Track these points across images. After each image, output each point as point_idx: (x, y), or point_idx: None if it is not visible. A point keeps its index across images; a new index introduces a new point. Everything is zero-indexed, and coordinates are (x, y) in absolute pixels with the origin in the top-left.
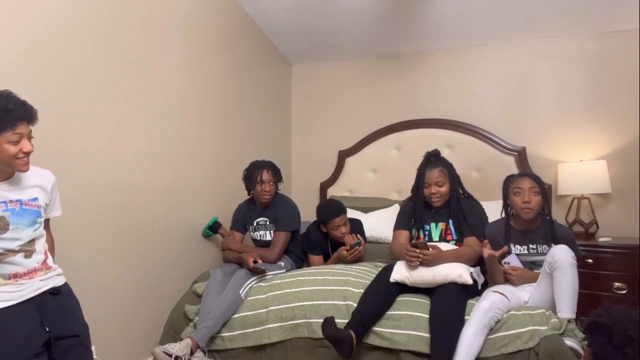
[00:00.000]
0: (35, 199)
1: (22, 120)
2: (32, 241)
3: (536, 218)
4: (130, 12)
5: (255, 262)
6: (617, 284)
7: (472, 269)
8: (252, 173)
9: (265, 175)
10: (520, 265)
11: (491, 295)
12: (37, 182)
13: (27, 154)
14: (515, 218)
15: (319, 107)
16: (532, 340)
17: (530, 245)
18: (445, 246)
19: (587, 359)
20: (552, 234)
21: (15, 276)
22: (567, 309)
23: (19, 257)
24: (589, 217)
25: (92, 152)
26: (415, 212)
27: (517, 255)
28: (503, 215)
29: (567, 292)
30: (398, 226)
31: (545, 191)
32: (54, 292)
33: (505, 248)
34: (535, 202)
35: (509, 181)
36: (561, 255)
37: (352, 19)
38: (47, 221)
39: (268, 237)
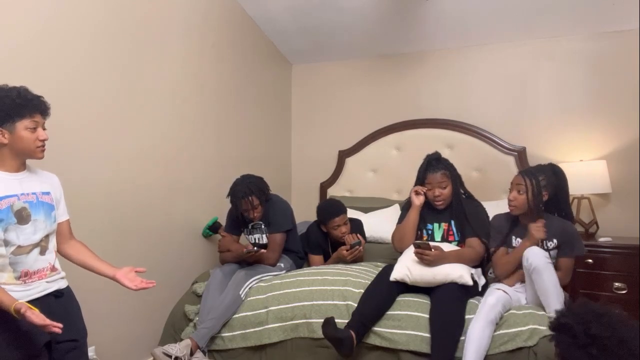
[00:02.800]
0: (48, 193)
1: (38, 111)
2: (47, 236)
3: (534, 214)
4: (130, 12)
5: (249, 251)
6: (617, 284)
7: (472, 270)
8: (234, 203)
9: (246, 205)
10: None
11: (495, 291)
12: (45, 179)
13: (44, 141)
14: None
15: (319, 107)
16: (532, 339)
17: None
18: (447, 247)
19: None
20: (552, 231)
21: (26, 275)
22: (554, 309)
23: (35, 254)
24: (589, 217)
25: (91, 153)
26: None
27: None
28: None
29: (549, 293)
30: (402, 221)
31: (539, 189)
32: (57, 294)
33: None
34: (518, 201)
35: None
36: (534, 258)
37: (352, 19)
38: (68, 228)
39: (265, 240)
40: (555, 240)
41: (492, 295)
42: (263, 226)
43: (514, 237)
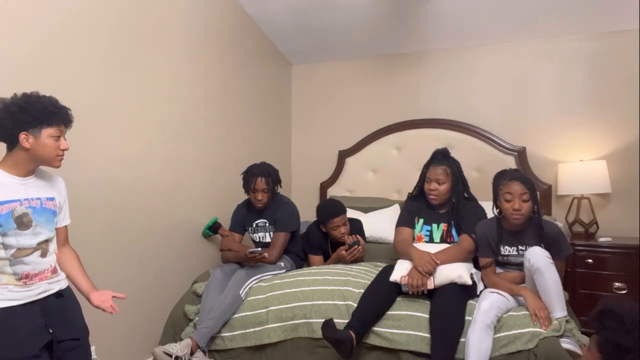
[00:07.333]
0: (53, 199)
1: (63, 123)
2: (47, 241)
3: (530, 220)
4: (130, 13)
5: (252, 252)
6: (617, 284)
7: (473, 270)
8: (247, 179)
9: (259, 184)
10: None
11: (489, 295)
12: (52, 184)
13: (64, 151)
14: (504, 219)
15: (319, 107)
16: (532, 342)
17: (520, 247)
18: (433, 248)
19: (592, 347)
20: (539, 234)
21: (27, 277)
22: (557, 308)
23: (35, 256)
24: (589, 217)
25: (91, 153)
26: (416, 206)
27: (507, 256)
28: (495, 212)
29: (552, 293)
30: (402, 223)
31: (535, 192)
32: (57, 295)
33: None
34: (525, 209)
35: (498, 181)
36: (536, 258)
37: (352, 19)
38: (65, 235)
39: (268, 239)
40: (542, 245)
41: (486, 300)
42: (268, 224)
43: (502, 246)
